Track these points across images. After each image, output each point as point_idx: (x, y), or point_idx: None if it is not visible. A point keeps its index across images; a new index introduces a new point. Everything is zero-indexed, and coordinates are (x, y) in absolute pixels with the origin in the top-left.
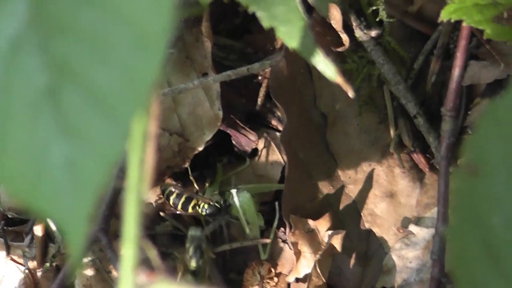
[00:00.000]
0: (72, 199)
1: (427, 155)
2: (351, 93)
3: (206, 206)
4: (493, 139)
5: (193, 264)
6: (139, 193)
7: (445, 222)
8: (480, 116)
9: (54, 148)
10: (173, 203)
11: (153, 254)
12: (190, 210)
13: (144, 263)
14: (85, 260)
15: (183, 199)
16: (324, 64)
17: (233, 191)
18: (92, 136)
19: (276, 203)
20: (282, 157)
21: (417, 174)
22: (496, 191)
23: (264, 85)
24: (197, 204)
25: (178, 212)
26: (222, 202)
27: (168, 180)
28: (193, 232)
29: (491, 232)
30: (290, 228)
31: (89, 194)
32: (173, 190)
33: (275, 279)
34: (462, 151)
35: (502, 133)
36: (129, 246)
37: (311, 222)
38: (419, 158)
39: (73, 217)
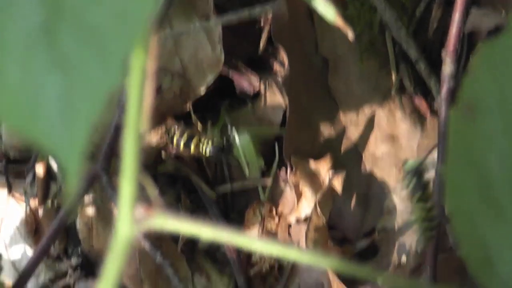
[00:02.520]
0: (66, 132)
1: (428, 100)
2: (350, 35)
3: (209, 145)
4: (488, 79)
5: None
6: (138, 128)
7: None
8: (477, 56)
9: (48, 83)
10: (176, 143)
11: (151, 188)
12: (192, 149)
13: (144, 201)
14: (86, 199)
15: (185, 138)
16: (323, 7)
17: (234, 132)
18: (86, 71)
19: (276, 144)
20: (284, 101)
21: (418, 118)
22: (491, 131)
23: (266, 29)
24: (199, 143)
25: (180, 153)
26: (224, 141)
27: (171, 122)
28: None
29: (487, 170)
30: (291, 169)
31: (83, 127)
32: (175, 129)
33: (276, 219)
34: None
35: (497, 74)
36: (127, 180)
37: (312, 163)
38: (420, 102)
39: (68, 149)
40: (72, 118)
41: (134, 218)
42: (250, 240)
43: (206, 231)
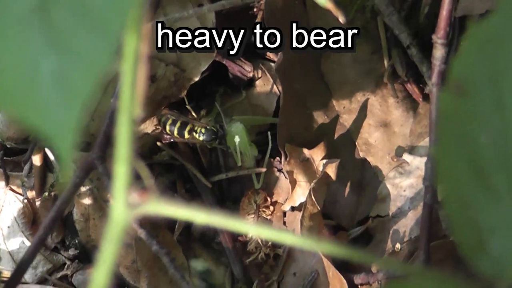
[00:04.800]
0: (61, 110)
1: (421, 85)
2: (341, 19)
3: (203, 130)
4: (478, 58)
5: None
6: (131, 113)
7: None
8: (467, 36)
9: (43, 63)
10: (169, 130)
11: (146, 176)
12: (186, 135)
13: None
14: (83, 189)
15: (179, 124)
16: None
17: (228, 121)
18: (80, 50)
19: (269, 133)
20: (277, 88)
21: (411, 104)
22: (482, 110)
23: (259, 16)
24: (193, 129)
25: (175, 140)
26: (218, 127)
27: (165, 111)
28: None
29: (478, 150)
30: (285, 157)
31: (77, 105)
32: (169, 117)
33: (271, 207)
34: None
35: (487, 52)
36: (121, 165)
37: (306, 151)
38: (412, 88)
39: (62, 127)
40: (67, 95)
41: (129, 202)
42: (245, 225)
43: (201, 216)
